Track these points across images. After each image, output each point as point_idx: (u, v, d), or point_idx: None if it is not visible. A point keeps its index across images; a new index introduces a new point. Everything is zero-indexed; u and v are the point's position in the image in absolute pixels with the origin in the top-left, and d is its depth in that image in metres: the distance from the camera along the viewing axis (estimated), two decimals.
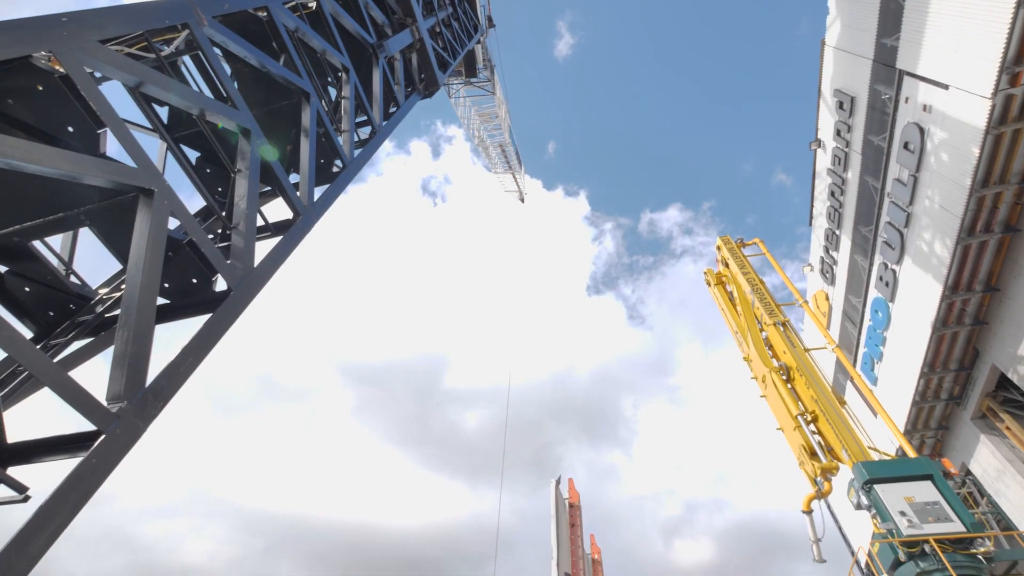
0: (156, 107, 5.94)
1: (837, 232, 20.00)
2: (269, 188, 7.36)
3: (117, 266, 6.06)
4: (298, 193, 6.66)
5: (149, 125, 5.84)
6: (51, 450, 3.98)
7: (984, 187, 12.46)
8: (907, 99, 14.76)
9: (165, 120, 6.51)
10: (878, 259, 17.19)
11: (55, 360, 4.91)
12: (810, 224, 22.76)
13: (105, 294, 5.46)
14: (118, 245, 5.45)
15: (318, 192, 7.15)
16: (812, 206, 22.17)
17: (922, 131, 14.09)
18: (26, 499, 3.36)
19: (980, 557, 7.57)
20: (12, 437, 4.05)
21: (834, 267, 20.81)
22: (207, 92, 5.97)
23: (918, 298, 15.26)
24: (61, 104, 4.14)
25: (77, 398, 3.77)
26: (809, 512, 10.76)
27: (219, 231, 6.83)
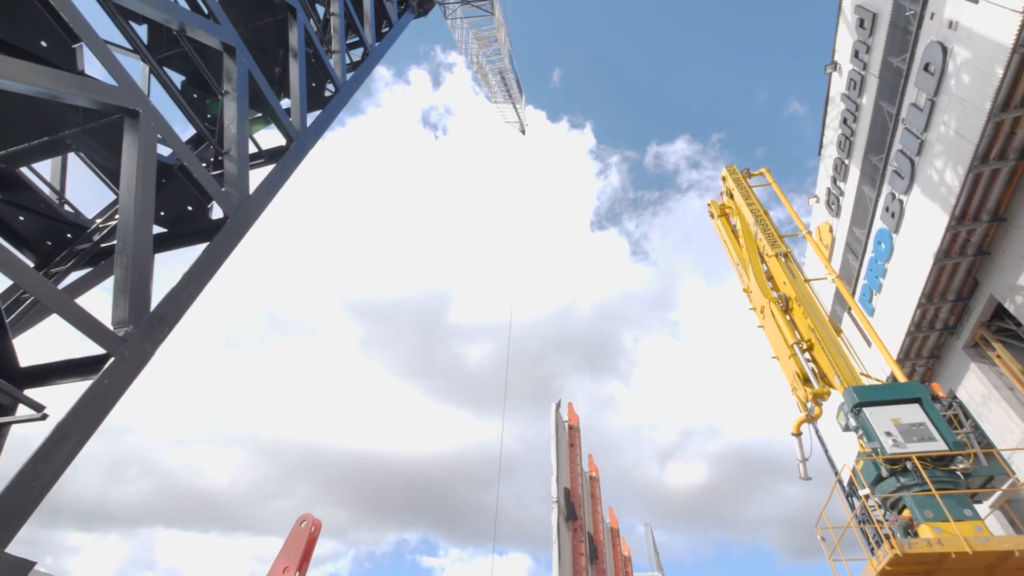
0: (134, 26, 5.57)
1: (846, 162, 19.47)
2: (260, 115, 7.07)
3: (111, 197, 5.94)
4: (290, 119, 6.41)
5: (128, 46, 5.51)
6: (64, 373, 4.09)
7: (1004, 111, 11.95)
8: (932, 15, 13.83)
9: (145, 40, 6.13)
10: (886, 189, 16.86)
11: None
12: (819, 154, 22.12)
13: (101, 223, 5.40)
14: (109, 172, 5.31)
15: (311, 118, 6.88)
16: (823, 134, 21.44)
17: (945, 51, 13.32)
18: (44, 417, 3.49)
19: (959, 473, 7.99)
20: (24, 362, 4.13)
21: (840, 198, 20.46)
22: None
23: (923, 229, 15.11)
24: (30, 15, 3.86)
25: (85, 323, 3.82)
26: (798, 435, 11.26)
27: (211, 160, 6.64)
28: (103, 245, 5.58)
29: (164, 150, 4.93)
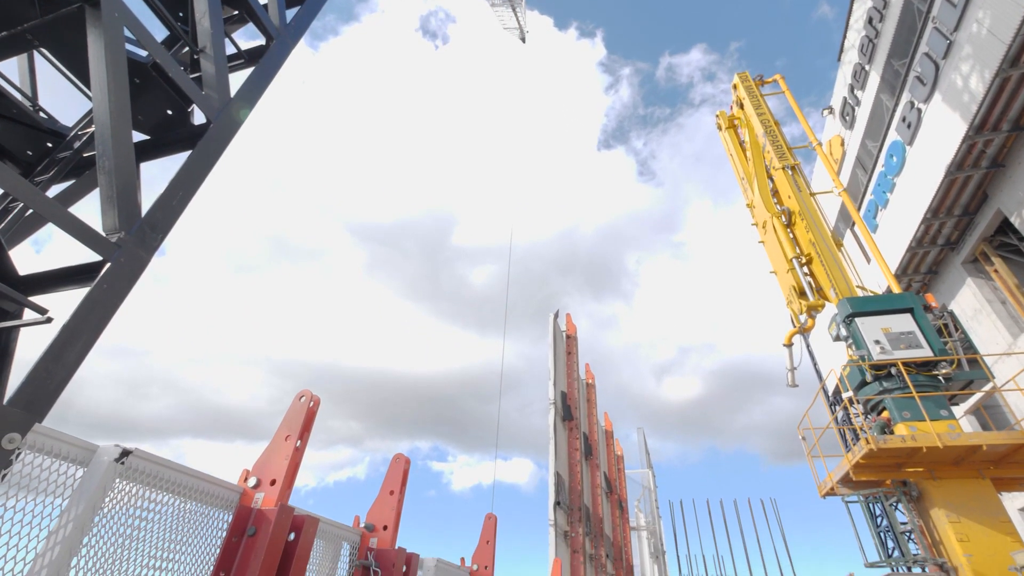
0: None
1: (867, 67, 18.30)
2: (236, 12, 6.53)
3: (89, 105, 5.66)
4: (268, 14, 5.92)
5: None
6: (61, 281, 4.12)
7: None
8: None
9: None
10: (905, 97, 16.00)
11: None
12: (839, 59, 20.74)
13: (80, 130, 5.19)
14: (81, 76, 5.01)
15: (290, 13, 6.35)
16: (844, 37, 19.96)
17: None
18: (49, 320, 3.56)
19: (940, 377, 8.33)
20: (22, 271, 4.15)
21: (856, 108, 19.49)
22: None
23: (938, 139, 14.54)
24: None
25: (79, 231, 3.78)
26: (789, 345, 11.62)
27: (188, 63, 6.23)
28: (85, 155, 5.42)
29: (139, 52, 4.62)
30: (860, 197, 19.51)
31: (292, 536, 1.59)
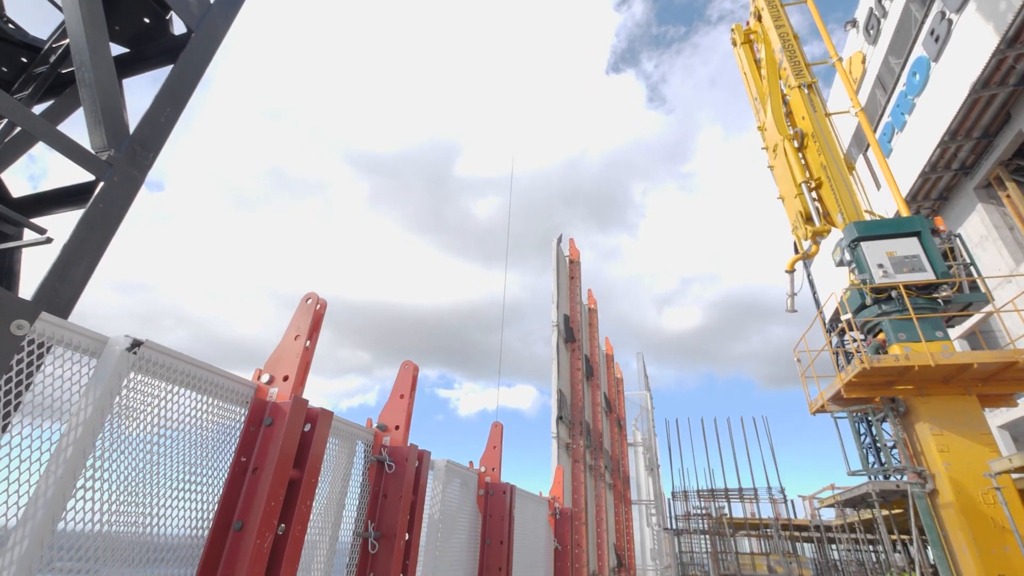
0: None
1: None
2: None
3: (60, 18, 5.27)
4: None
5: None
6: (57, 202, 4.05)
7: None
8: None
9: None
10: (936, 7, 14.85)
11: None
12: None
13: (54, 42, 4.87)
14: None
15: None
16: None
17: None
18: (49, 240, 3.54)
19: (939, 300, 8.39)
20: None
21: (882, 20, 18.18)
22: None
23: (966, 54, 13.66)
24: None
25: (70, 149, 3.65)
26: (791, 271, 11.63)
27: None
28: (63, 71, 5.13)
29: None
30: (876, 120, 18.70)
31: (308, 427, 1.65)
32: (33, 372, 1.24)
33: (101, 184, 3.81)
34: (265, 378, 1.67)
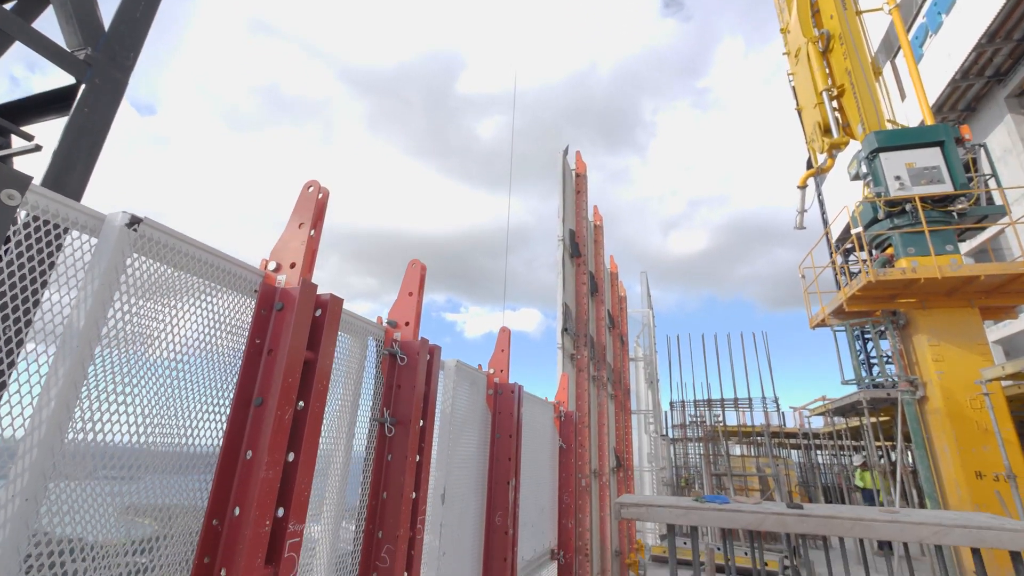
0: None
1: None
2: None
3: None
4: None
5: None
6: (40, 109, 3.85)
7: None
8: None
9: None
10: None
11: None
12: None
13: None
14: None
15: None
16: None
17: None
18: (38, 148, 3.41)
19: (954, 213, 8.20)
20: None
21: None
22: None
23: None
24: None
25: (49, 49, 3.40)
26: (803, 187, 11.31)
27: None
28: None
29: None
30: (911, 20, 17.26)
31: (319, 312, 1.64)
32: (54, 256, 1.20)
33: (83, 87, 3.60)
34: (272, 266, 1.64)
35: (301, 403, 1.52)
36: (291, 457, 1.47)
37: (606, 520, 7.11)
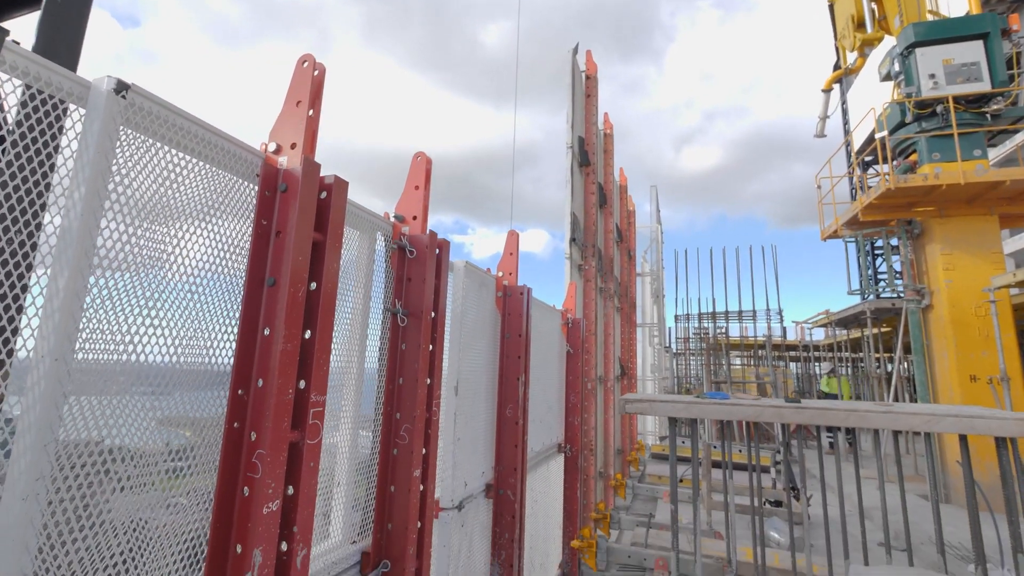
0: None
1: None
2: None
3: None
4: None
5: None
6: (7, 6, 3.59)
7: None
8: None
9: None
10: None
11: None
12: None
13: None
14: None
15: None
16: None
17: None
18: (16, 44, 3.21)
19: (988, 115, 7.72)
20: None
21: None
22: None
23: None
24: None
25: None
26: (828, 90, 10.63)
27: None
28: None
29: None
30: None
31: (323, 195, 1.60)
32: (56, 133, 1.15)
33: None
34: (272, 147, 1.58)
35: (314, 284, 1.53)
36: (308, 335, 1.50)
37: (610, 422, 7.52)
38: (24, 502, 0.93)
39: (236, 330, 1.44)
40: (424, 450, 2.14)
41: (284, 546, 1.39)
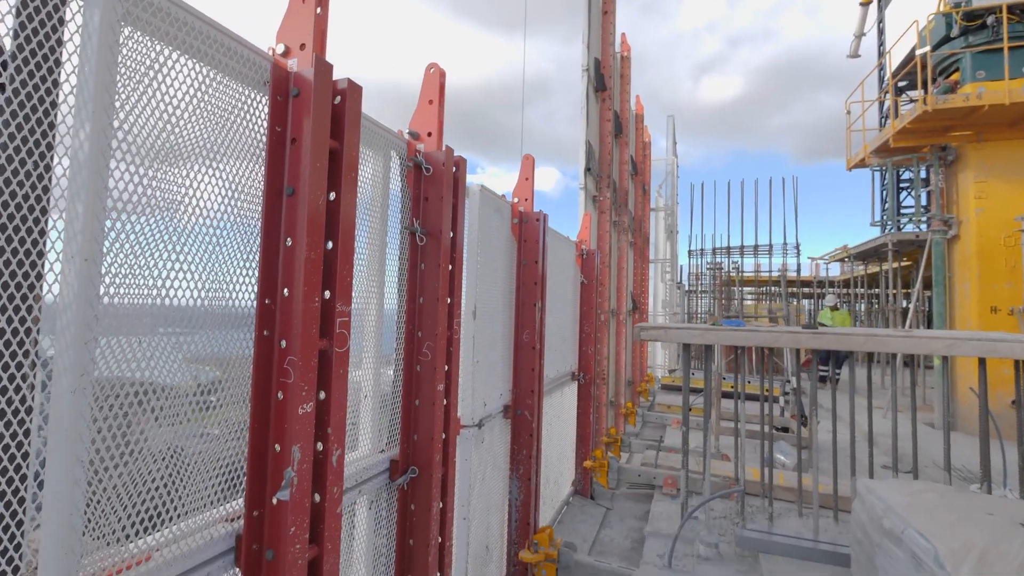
0: None
1: None
2: None
3: None
4: None
5: None
6: None
7: None
8: None
9: None
10: None
11: None
12: None
13: None
14: None
15: None
16: None
17: None
18: None
19: None
20: None
21: None
22: None
23: None
24: None
25: None
26: (867, 4, 9.80)
27: None
28: None
29: None
30: None
31: (338, 100, 1.53)
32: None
33: None
34: (280, 48, 1.49)
35: (332, 194, 1.50)
36: (329, 245, 1.49)
37: (621, 354, 7.65)
38: (73, 395, 0.96)
39: (258, 246, 1.42)
40: (447, 367, 2.19)
41: (320, 446, 1.46)
